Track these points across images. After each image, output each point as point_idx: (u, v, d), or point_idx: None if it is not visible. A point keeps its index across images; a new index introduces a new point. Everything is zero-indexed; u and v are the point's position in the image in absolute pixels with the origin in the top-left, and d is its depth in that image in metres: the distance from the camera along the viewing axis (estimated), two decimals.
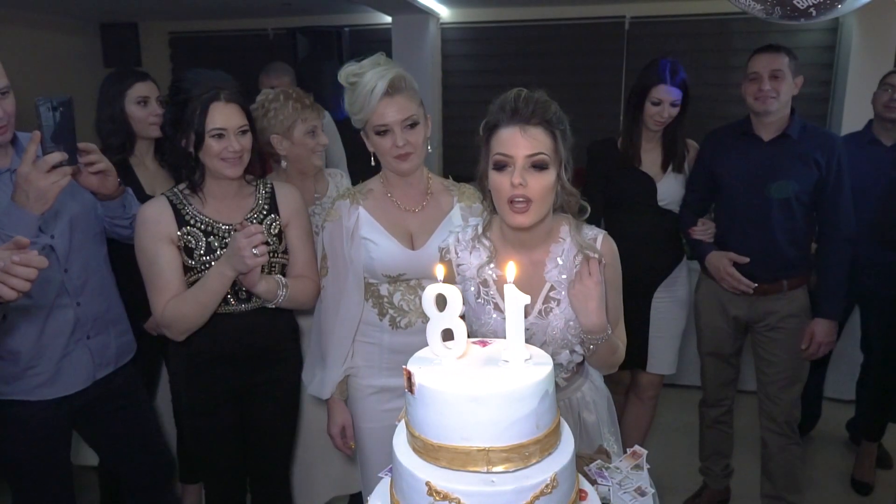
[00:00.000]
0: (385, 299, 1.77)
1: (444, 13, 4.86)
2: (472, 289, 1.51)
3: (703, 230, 2.49)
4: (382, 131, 1.68)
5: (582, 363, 1.60)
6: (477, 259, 1.51)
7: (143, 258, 1.74)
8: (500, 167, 1.39)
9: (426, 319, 1.67)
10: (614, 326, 1.53)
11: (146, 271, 1.74)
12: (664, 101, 2.40)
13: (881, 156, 2.74)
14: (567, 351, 1.52)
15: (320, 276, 1.82)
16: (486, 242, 1.51)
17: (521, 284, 1.40)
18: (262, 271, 1.76)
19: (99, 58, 5.36)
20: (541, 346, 1.30)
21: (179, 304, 1.71)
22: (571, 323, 1.47)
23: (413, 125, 1.69)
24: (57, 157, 1.49)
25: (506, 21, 4.81)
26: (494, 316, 1.48)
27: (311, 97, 2.21)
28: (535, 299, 1.48)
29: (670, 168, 2.52)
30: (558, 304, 1.48)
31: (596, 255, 1.45)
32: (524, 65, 4.83)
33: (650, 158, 2.52)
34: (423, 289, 1.71)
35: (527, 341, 1.05)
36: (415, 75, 1.75)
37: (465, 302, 1.41)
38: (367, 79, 1.64)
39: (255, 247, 1.61)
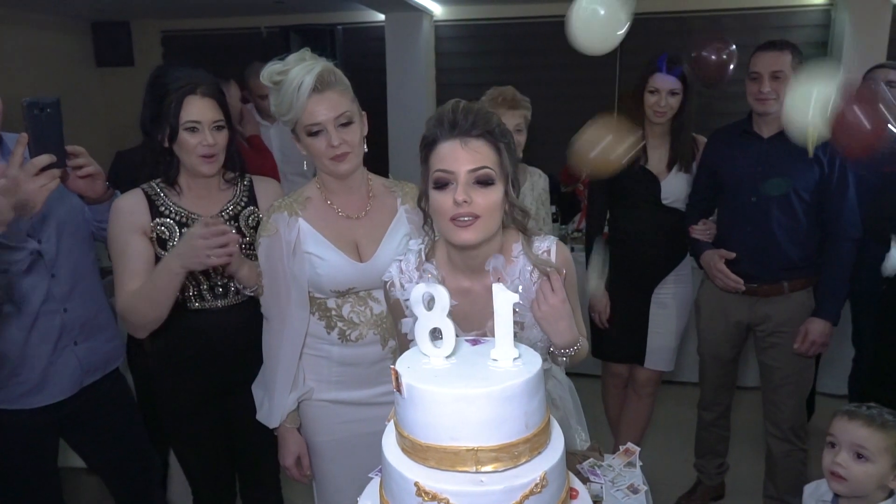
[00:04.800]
0: (333, 312, 1.66)
1: (438, 11, 4.84)
2: None
3: (703, 230, 2.48)
4: (315, 131, 1.57)
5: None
6: None
7: (113, 248, 1.71)
8: (442, 185, 1.28)
9: (377, 331, 1.67)
10: (578, 327, 1.43)
11: (115, 262, 1.70)
12: (661, 89, 2.40)
13: None
14: None
15: (257, 294, 1.71)
16: (433, 270, 1.40)
17: (478, 313, 1.33)
18: (240, 251, 1.70)
19: (91, 57, 5.33)
20: None
21: (133, 299, 1.65)
22: (539, 344, 1.39)
23: (347, 123, 1.58)
24: (45, 159, 1.44)
25: (499, 18, 4.79)
26: None
27: (517, 97, 2.27)
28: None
29: (676, 167, 2.50)
30: (522, 328, 1.39)
31: (553, 270, 1.34)
32: (518, 62, 4.81)
33: (657, 156, 2.51)
34: (373, 299, 1.66)
35: None
36: (409, 73, 1.72)
37: None
38: (292, 75, 1.53)
39: (214, 248, 1.52)
